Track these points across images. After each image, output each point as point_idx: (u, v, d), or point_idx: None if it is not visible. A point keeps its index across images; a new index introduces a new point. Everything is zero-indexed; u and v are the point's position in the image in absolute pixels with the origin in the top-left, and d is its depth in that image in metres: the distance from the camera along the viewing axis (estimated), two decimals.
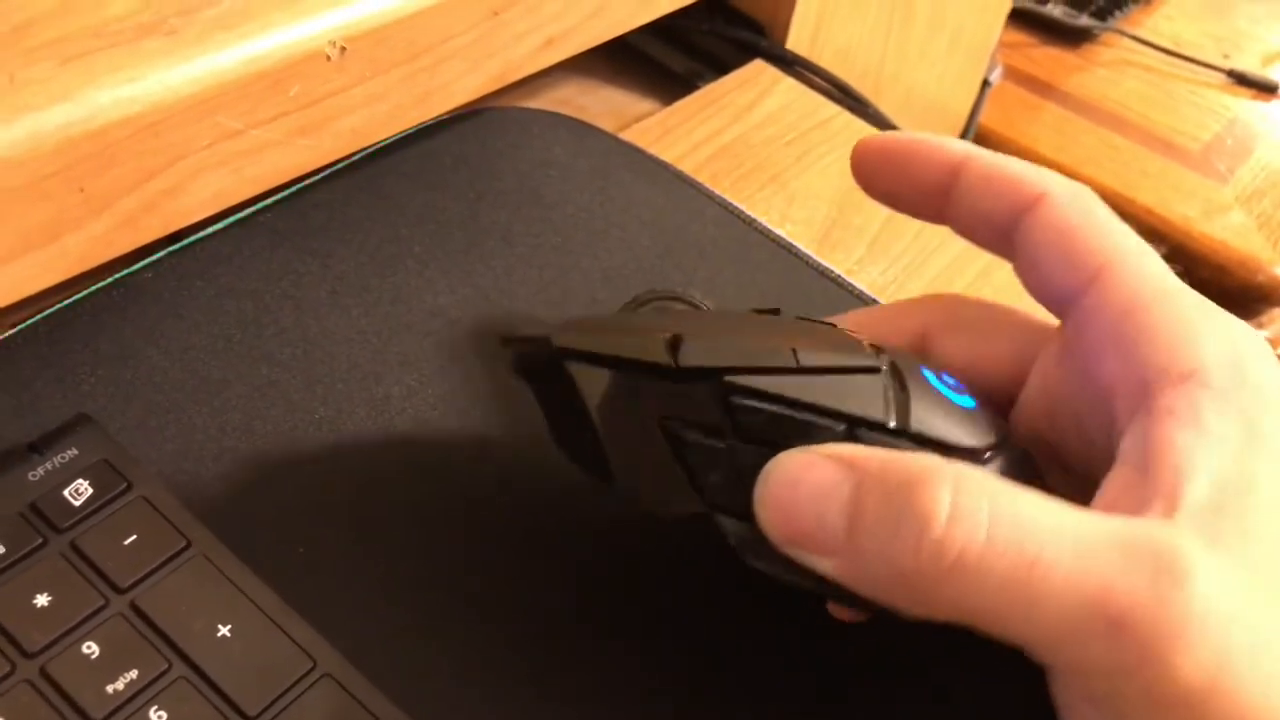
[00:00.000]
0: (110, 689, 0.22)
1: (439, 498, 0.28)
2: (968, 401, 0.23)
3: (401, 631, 0.25)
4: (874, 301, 0.36)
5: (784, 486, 0.21)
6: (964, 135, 0.70)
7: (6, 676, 0.22)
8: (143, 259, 0.31)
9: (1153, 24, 0.84)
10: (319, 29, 0.28)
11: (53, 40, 0.25)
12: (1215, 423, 0.20)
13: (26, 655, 0.22)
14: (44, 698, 0.22)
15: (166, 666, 0.23)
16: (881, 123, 0.46)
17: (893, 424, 0.22)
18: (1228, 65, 0.81)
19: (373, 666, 0.24)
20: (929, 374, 0.23)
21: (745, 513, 0.21)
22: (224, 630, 0.24)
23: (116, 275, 0.31)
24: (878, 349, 0.23)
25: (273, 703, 0.23)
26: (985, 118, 0.72)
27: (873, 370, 0.22)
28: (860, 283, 0.37)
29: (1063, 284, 0.24)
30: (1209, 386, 0.21)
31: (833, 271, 0.37)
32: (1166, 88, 0.79)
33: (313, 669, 0.24)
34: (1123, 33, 0.82)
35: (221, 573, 0.24)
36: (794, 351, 0.22)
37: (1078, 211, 0.24)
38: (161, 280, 0.31)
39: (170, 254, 0.32)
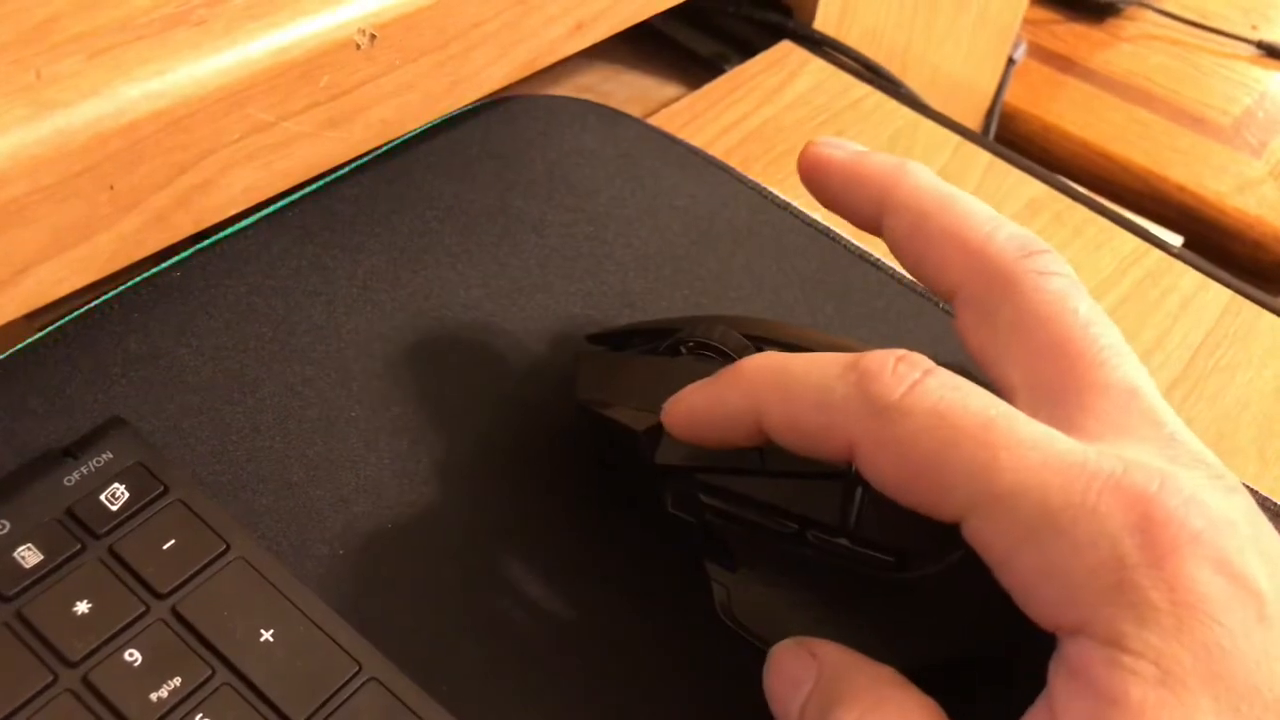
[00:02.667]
0: (154, 697, 0.22)
1: (478, 496, 0.27)
2: None
3: (446, 633, 0.25)
4: (913, 284, 0.35)
5: (773, 672, 0.23)
6: (990, 113, 0.69)
7: (49, 686, 0.21)
8: (169, 258, 0.31)
9: None
10: (348, 17, 0.27)
11: (79, 35, 0.24)
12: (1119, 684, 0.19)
13: (69, 664, 0.22)
14: (88, 708, 0.21)
15: (210, 673, 0.22)
16: (913, 102, 0.45)
17: (840, 526, 0.23)
18: (1257, 37, 0.79)
19: (418, 669, 0.23)
20: None
21: (719, 577, 0.24)
22: (267, 635, 0.23)
23: (144, 274, 0.30)
24: None
25: (319, 708, 0.22)
26: (1011, 95, 0.71)
27: (836, 476, 0.23)
28: (900, 265, 0.36)
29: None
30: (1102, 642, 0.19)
31: (871, 255, 0.36)
32: (1194, 61, 0.78)
33: (358, 672, 0.23)
34: (1148, 6, 0.81)
35: (262, 576, 0.24)
36: (760, 454, 0.24)
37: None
38: (190, 279, 0.30)
39: (198, 252, 0.31)
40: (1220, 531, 0.19)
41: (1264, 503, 0.31)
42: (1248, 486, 0.32)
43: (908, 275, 0.35)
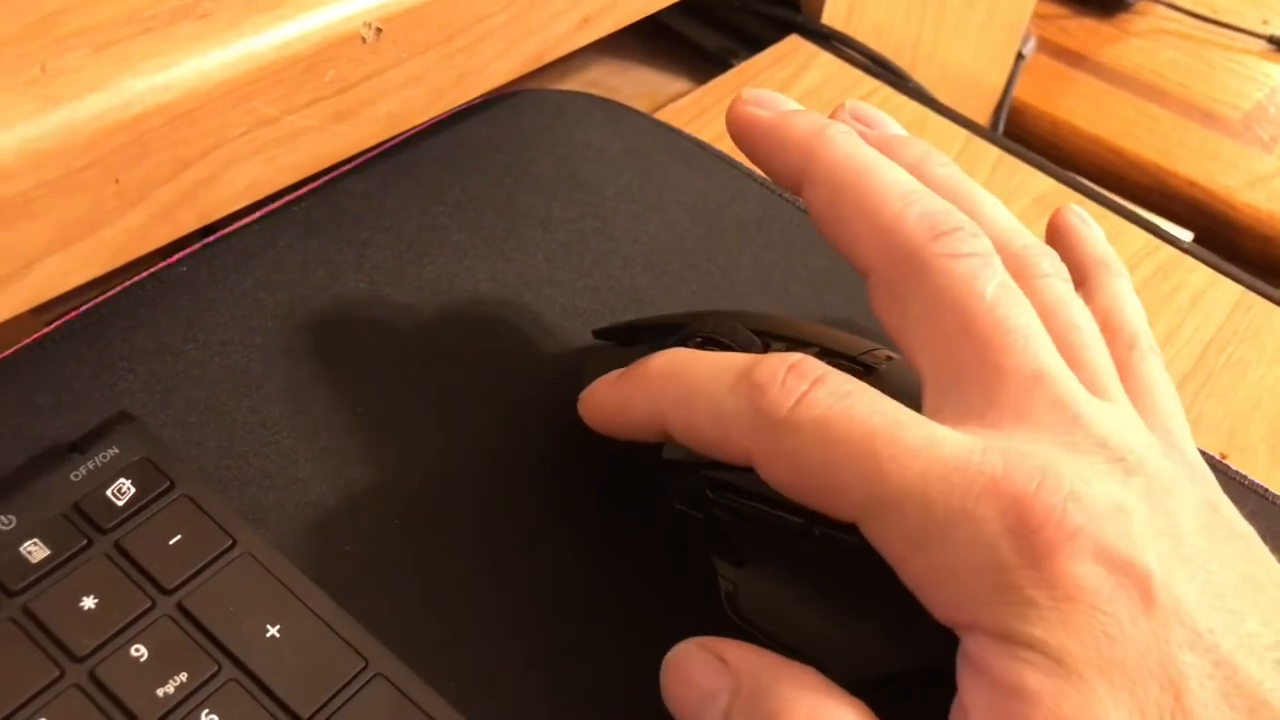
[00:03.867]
0: (161, 692, 0.22)
1: (486, 491, 0.27)
2: None
3: (453, 629, 0.25)
4: None
5: (675, 680, 0.22)
6: (999, 109, 0.69)
7: (56, 681, 0.21)
8: (175, 253, 0.30)
9: None
10: (354, 9, 0.27)
11: (84, 29, 0.24)
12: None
13: (75, 659, 0.22)
14: (94, 703, 0.21)
15: (216, 669, 0.22)
16: (922, 97, 0.45)
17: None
18: (1267, 31, 0.79)
19: (425, 665, 0.23)
20: None
21: (726, 573, 0.24)
22: (273, 630, 0.23)
23: (151, 269, 0.30)
24: None
25: (325, 704, 0.22)
26: (1020, 91, 0.70)
27: None
28: None
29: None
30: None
31: None
32: (1204, 56, 0.77)
33: (365, 668, 0.23)
34: (1158, 1, 0.80)
35: (269, 571, 0.24)
36: None
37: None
38: (196, 274, 0.30)
39: (205, 247, 0.31)
40: (1101, 523, 0.19)
41: (1274, 501, 0.31)
42: (1218, 460, 0.31)
43: None
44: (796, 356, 0.21)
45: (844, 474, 0.20)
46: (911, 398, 0.22)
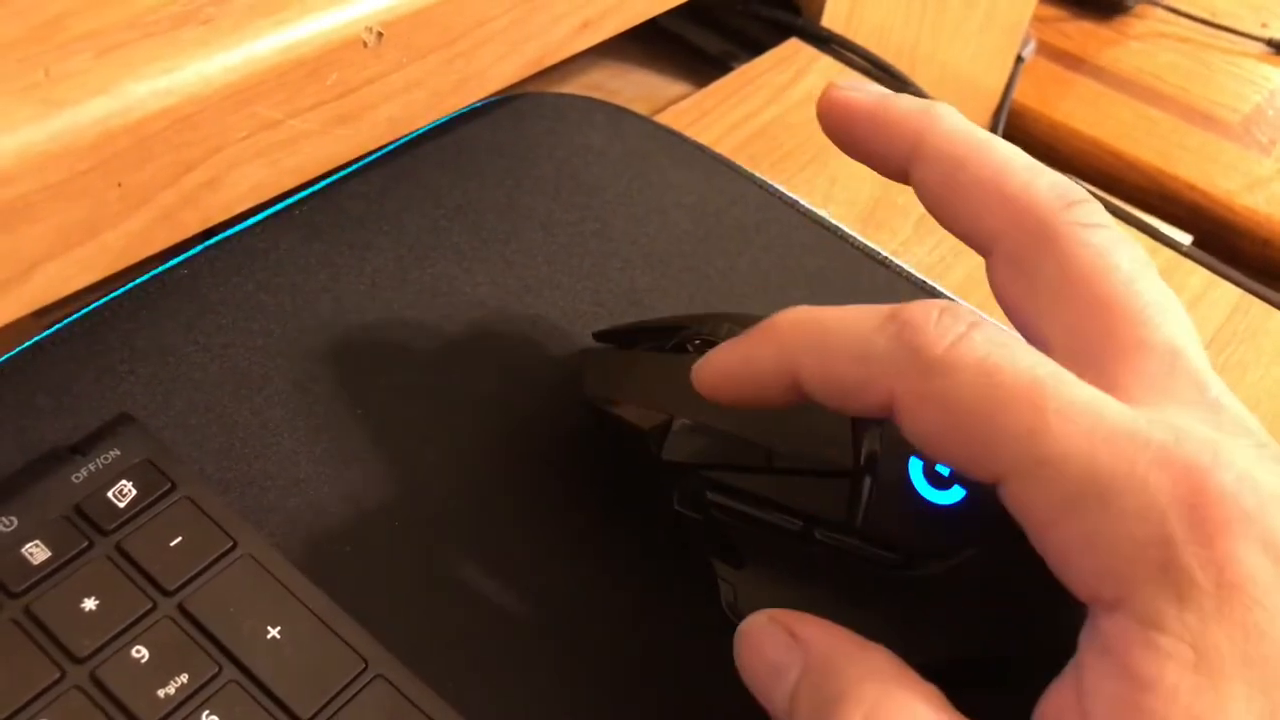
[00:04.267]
0: (161, 693, 0.22)
1: (486, 494, 0.27)
2: (951, 497, 0.22)
3: (453, 631, 0.25)
4: (923, 282, 0.35)
5: (749, 652, 0.22)
6: (998, 112, 0.69)
7: (57, 682, 0.22)
8: (177, 255, 0.31)
9: None
10: (356, 14, 0.27)
11: (88, 33, 0.24)
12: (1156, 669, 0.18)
13: (76, 660, 0.22)
14: (95, 704, 0.21)
15: (217, 670, 0.22)
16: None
17: (847, 523, 0.23)
18: (1266, 34, 0.79)
19: (425, 667, 0.23)
20: (916, 465, 0.23)
21: (726, 575, 0.24)
22: (273, 632, 0.23)
23: (152, 272, 0.30)
24: (877, 422, 0.23)
25: (325, 705, 0.23)
26: (1019, 94, 0.70)
27: (843, 473, 0.23)
28: (907, 263, 0.36)
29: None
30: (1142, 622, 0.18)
31: (879, 253, 0.36)
32: (1204, 59, 0.77)
33: (365, 670, 0.23)
34: (1157, 4, 0.81)
35: (269, 573, 0.24)
36: (767, 452, 0.24)
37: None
38: (198, 276, 0.30)
39: (206, 249, 0.31)
40: (1269, 510, 0.18)
41: None
42: None
43: (916, 273, 0.35)
44: (945, 300, 0.20)
45: (1001, 426, 0.19)
46: None
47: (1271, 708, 0.17)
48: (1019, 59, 0.67)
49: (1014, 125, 0.72)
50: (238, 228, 0.32)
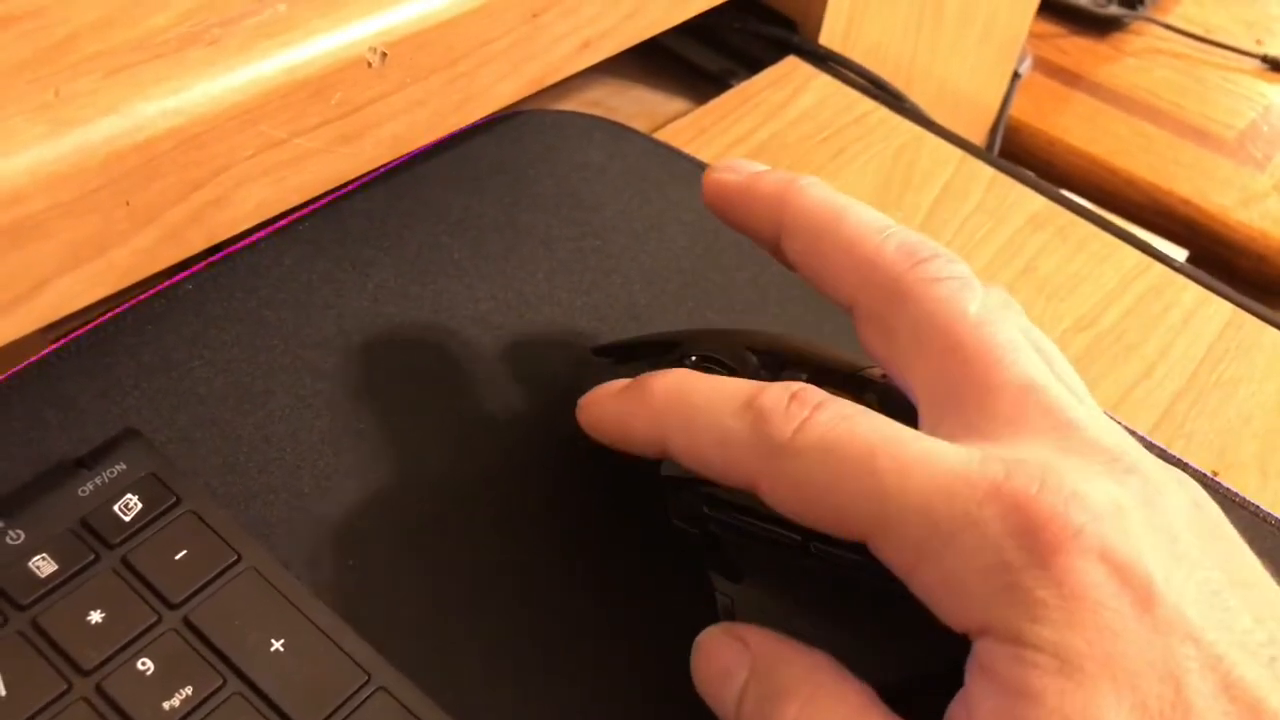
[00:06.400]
0: (166, 705, 0.22)
1: (487, 507, 0.28)
2: None
3: (454, 643, 0.25)
4: None
5: (702, 659, 0.23)
6: (995, 128, 0.70)
7: (64, 694, 0.22)
8: (182, 271, 0.31)
9: (1182, 10, 0.83)
10: (360, 35, 0.28)
11: (97, 53, 0.25)
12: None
13: (82, 673, 0.22)
14: (101, 715, 0.22)
15: (221, 682, 0.23)
16: (918, 117, 0.46)
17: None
18: (1261, 51, 0.79)
19: (427, 679, 0.24)
20: None
21: (723, 588, 0.25)
22: (277, 645, 0.23)
23: (157, 288, 0.30)
24: None
25: (328, 717, 0.23)
26: (1016, 110, 0.71)
27: None
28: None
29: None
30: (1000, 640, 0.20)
31: None
32: (1199, 75, 0.78)
33: (367, 682, 0.23)
34: (1152, 20, 0.81)
35: (273, 586, 0.24)
36: None
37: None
38: (203, 292, 0.31)
39: (211, 265, 0.31)
40: (1103, 521, 0.19)
41: (1265, 518, 0.32)
42: (1211, 478, 0.32)
43: None
44: (799, 385, 0.22)
45: (847, 492, 0.21)
46: (909, 414, 0.23)
47: (1140, 700, 0.18)
48: (1016, 75, 0.68)
49: (1010, 141, 0.72)
50: (241, 244, 0.32)
